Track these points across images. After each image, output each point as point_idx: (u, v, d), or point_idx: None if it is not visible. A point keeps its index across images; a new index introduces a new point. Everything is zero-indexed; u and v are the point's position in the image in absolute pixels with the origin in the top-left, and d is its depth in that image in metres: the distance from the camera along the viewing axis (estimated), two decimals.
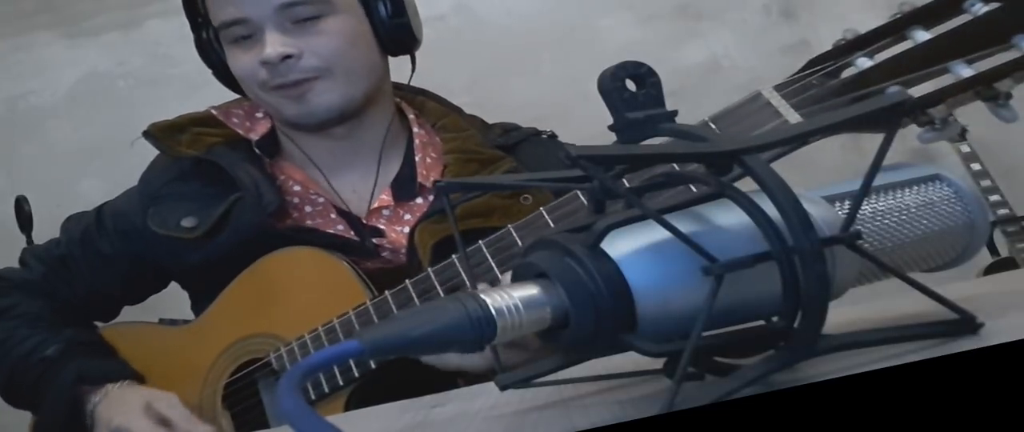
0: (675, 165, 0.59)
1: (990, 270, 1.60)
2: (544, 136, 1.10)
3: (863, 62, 0.63)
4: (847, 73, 0.65)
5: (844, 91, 0.64)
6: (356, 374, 0.90)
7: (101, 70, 1.95)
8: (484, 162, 1.02)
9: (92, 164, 1.87)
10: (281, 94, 0.97)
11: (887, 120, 0.39)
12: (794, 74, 0.68)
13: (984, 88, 0.58)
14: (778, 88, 0.67)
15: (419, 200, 1.02)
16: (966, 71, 0.58)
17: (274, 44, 0.93)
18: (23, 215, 1.37)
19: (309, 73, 0.95)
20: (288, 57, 0.94)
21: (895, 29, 0.62)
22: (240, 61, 0.98)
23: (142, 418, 0.93)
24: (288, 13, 0.94)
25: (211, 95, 1.08)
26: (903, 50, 0.62)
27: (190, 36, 1.05)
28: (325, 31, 0.95)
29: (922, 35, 0.60)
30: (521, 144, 1.07)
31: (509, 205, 0.95)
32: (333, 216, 1.01)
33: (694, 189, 0.41)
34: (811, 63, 0.67)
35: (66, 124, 1.93)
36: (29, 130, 1.94)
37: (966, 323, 0.40)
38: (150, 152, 1.08)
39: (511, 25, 1.90)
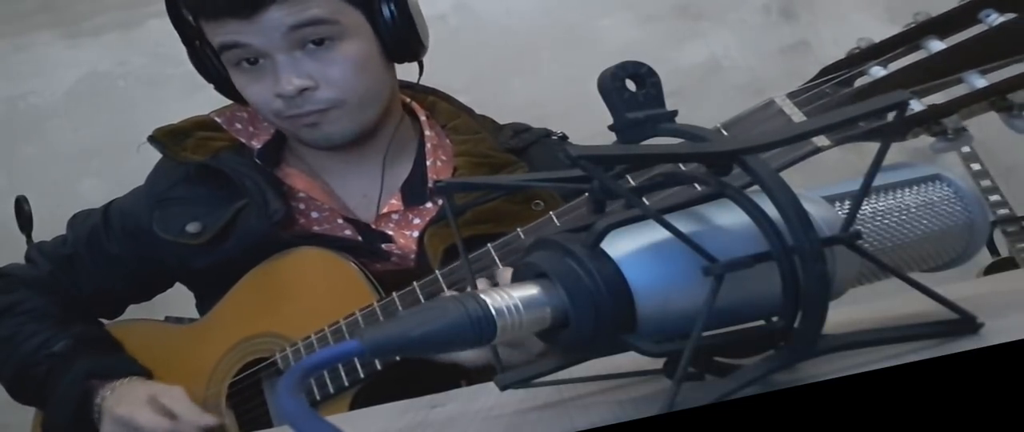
0: (681, 165, 0.59)
1: (990, 270, 1.60)
2: (555, 138, 1.09)
3: (877, 71, 0.63)
4: (860, 82, 0.65)
5: (857, 100, 0.64)
6: (362, 375, 0.89)
7: (101, 70, 1.95)
8: (495, 166, 1.01)
9: (92, 164, 1.87)
10: (296, 121, 0.96)
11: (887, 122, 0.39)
12: (807, 82, 0.67)
13: (998, 99, 0.58)
14: (791, 95, 0.67)
15: (429, 204, 1.02)
16: (980, 82, 0.58)
17: (289, 76, 0.92)
18: (23, 215, 1.37)
19: (323, 104, 0.94)
20: (305, 89, 0.93)
21: (909, 39, 0.61)
22: (251, 90, 0.96)
23: (146, 409, 0.93)
24: (296, 37, 0.91)
25: (212, 96, 1.07)
26: (917, 60, 0.61)
27: None
28: (337, 59, 0.93)
29: (936, 45, 0.60)
30: (532, 146, 1.06)
31: (520, 211, 0.94)
32: (340, 222, 1.01)
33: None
34: (824, 71, 0.66)
35: (66, 124, 1.93)
36: (29, 130, 1.94)
37: (966, 323, 0.40)
38: (153, 152, 1.07)
39: (511, 25, 1.90)
